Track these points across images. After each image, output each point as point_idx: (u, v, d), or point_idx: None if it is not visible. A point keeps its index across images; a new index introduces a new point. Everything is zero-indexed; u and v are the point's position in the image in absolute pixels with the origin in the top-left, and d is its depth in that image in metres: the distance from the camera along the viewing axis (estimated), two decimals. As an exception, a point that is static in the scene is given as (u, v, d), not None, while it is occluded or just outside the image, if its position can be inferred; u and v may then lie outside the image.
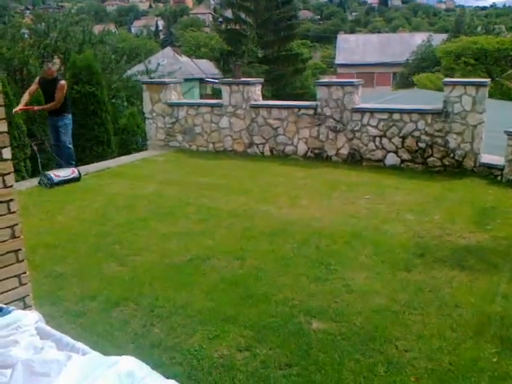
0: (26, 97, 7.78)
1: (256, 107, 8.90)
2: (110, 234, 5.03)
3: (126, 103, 13.81)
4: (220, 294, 3.72)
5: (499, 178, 7.02)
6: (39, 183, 6.86)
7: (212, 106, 9.40)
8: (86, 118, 9.75)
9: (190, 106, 9.63)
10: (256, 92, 9.09)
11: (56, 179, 6.75)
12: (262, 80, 9.68)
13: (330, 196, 6.31)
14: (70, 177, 6.95)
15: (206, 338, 3.13)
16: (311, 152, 8.54)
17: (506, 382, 2.68)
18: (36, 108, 8.02)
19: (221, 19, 33.05)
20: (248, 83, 9.02)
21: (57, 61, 9.29)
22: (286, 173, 7.62)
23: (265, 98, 13.49)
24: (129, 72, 15.28)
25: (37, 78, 8.13)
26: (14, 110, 7.44)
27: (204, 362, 2.89)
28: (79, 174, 7.13)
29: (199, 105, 9.65)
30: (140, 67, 16.18)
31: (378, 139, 7.93)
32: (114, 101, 12.93)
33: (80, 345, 1.58)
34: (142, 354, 2.96)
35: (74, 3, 73.23)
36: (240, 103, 8.99)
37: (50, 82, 7.78)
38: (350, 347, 3.00)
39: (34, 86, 7.95)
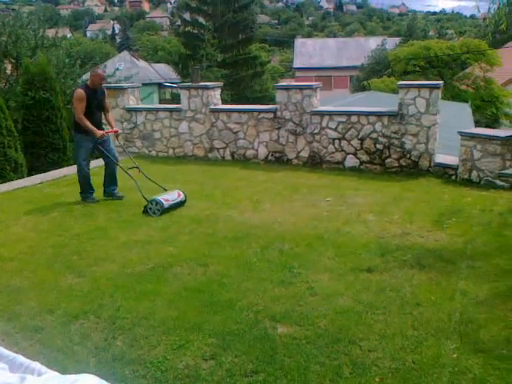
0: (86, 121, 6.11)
1: (216, 111, 8.87)
2: (68, 245, 4.88)
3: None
4: (183, 302, 3.66)
5: (454, 177, 7.25)
6: (145, 212, 5.75)
7: (171, 110, 9.31)
8: (41, 124, 9.46)
9: (149, 111, 9.51)
10: (215, 96, 9.06)
11: (166, 204, 5.73)
12: (221, 84, 9.66)
13: (292, 199, 6.35)
14: (177, 200, 5.94)
15: (170, 349, 3.07)
16: (272, 155, 8.57)
17: (466, 376, 2.75)
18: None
19: (179, 23, 32.84)
20: (207, 87, 8.98)
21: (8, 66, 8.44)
22: (247, 177, 7.62)
23: (224, 102, 13.46)
24: (84, 77, 14.92)
25: (79, 92, 6.12)
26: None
27: (168, 374, 2.83)
28: (185, 196, 6.10)
29: (158, 110, 9.54)
30: (96, 72, 15.80)
31: (337, 142, 8.05)
32: (69, 107, 12.58)
33: (36, 364, 1.50)
34: (104, 368, 2.88)
35: (24, 5, 71.12)
36: (199, 108, 8.93)
37: (97, 91, 6.29)
38: (316, 350, 3.01)
39: (82, 104, 6.06)
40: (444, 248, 4.63)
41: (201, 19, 28.95)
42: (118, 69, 17.61)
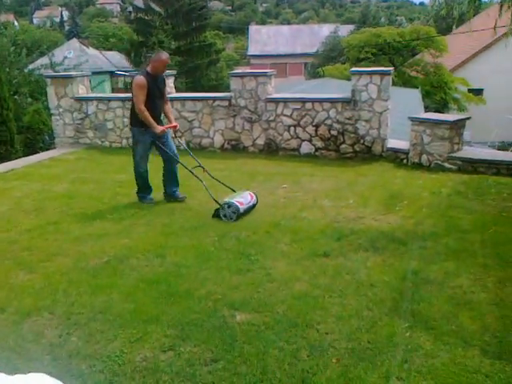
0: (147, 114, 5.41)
1: (170, 100, 8.69)
2: (18, 241, 4.70)
3: (29, 99, 12.96)
4: (141, 294, 3.61)
5: (405, 161, 7.45)
6: (217, 216, 5.14)
7: (123, 99, 9.08)
8: (-15, 116, 9.04)
9: (100, 100, 9.25)
10: (169, 84, 8.88)
11: (241, 208, 5.11)
12: (174, 72, 9.51)
13: (249, 186, 6.32)
14: (251, 203, 5.32)
15: (128, 342, 3.03)
16: (228, 144, 8.54)
17: (418, 353, 2.85)
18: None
19: (130, 9, 31.99)
20: (160, 76, 8.80)
21: None
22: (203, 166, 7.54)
23: (179, 90, 13.23)
24: (31, 66, 14.34)
25: (140, 80, 5.33)
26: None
27: (126, 367, 2.79)
28: (256, 199, 5.47)
29: (110, 99, 9.29)
30: (44, 60, 15.24)
31: (292, 129, 8.10)
32: (16, 97, 12.09)
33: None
34: (59, 365, 2.82)
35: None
36: (153, 96, 8.75)
37: (158, 79, 5.59)
38: (274, 336, 3.04)
39: (143, 93, 5.33)
40: (396, 230, 4.76)
41: (153, 5, 28.27)
42: (66, 57, 16.98)
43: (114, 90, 30.33)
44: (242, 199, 5.18)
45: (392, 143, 7.81)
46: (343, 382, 2.63)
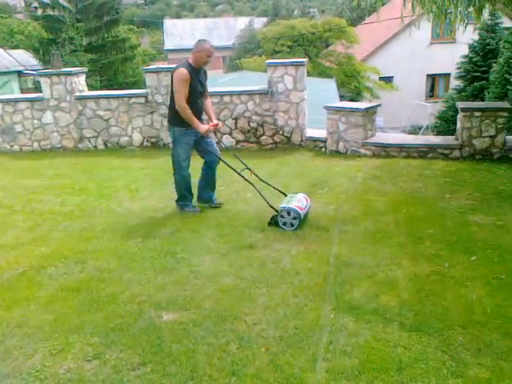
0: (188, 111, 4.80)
1: (82, 99, 8.37)
2: None
3: None
4: (61, 303, 3.45)
5: (323, 149, 7.69)
6: (274, 223, 4.65)
7: (32, 100, 8.60)
8: None
9: (6, 102, 8.69)
10: (80, 83, 8.54)
11: (302, 213, 4.62)
12: (85, 69, 9.13)
13: (171, 184, 6.24)
14: (308, 207, 4.83)
15: (49, 355, 2.88)
16: (147, 141, 8.35)
17: (342, 333, 2.96)
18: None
19: (36, 4, 30.23)
20: (70, 73, 8.43)
21: None
22: (123, 165, 7.34)
23: (94, 88, 12.75)
24: None
25: (183, 72, 4.70)
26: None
27: (49, 381, 2.66)
28: (310, 201, 4.99)
29: (16, 100, 8.75)
30: None
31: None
32: None
33: None
34: (-28, 388, 2.62)
35: None
36: (63, 96, 8.36)
37: (200, 72, 4.97)
38: (203, 332, 3.03)
39: (185, 88, 4.72)
40: (318, 217, 4.90)
41: (61, 0, 26.88)
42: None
43: (23, 91, 28.57)
44: (299, 203, 4.69)
45: (310, 132, 8.01)
46: (272, 369, 2.67)
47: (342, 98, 16.70)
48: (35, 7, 32.00)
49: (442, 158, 6.96)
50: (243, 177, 4.99)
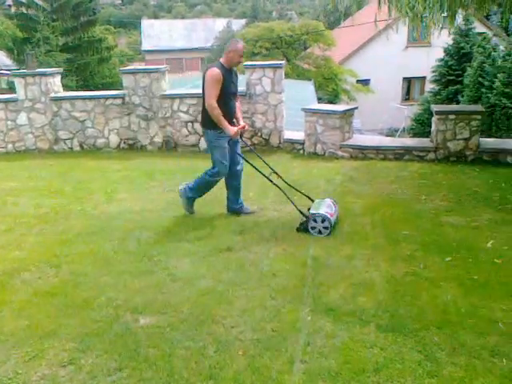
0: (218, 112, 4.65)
1: (57, 100, 8.24)
2: None
3: None
4: (35, 309, 3.38)
5: (301, 151, 7.72)
6: (304, 230, 4.53)
7: (5, 101, 8.42)
8: None
9: (-22, 102, 8.48)
10: (56, 83, 8.41)
11: (332, 220, 4.50)
12: (61, 70, 8.98)
13: (149, 186, 6.21)
14: (337, 213, 4.72)
15: (22, 362, 2.82)
16: (124, 143, 8.27)
17: (320, 335, 2.98)
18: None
19: (9, 2, 29.65)
20: (45, 74, 8.28)
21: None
22: (99, 167, 7.25)
23: (70, 89, 12.55)
24: None
25: (216, 73, 4.60)
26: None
27: (22, 389, 2.61)
28: (337, 207, 4.84)
29: (-12, 101, 8.55)
30: None
31: (190, 124, 8.03)
32: None
33: None
34: None
35: None
36: (38, 97, 8.22)
37: (232, 73, 4.84)
38: (180, 336, 3.01)
39: (217, 89, 4.61)
40: (296, 219, 4.89)
41: (36, -1, 26.42)
42: None
43: (-4, 91, 27.95)
44: (328, 209, 4.57)
45: (289, 134, 8.04)
46: (250, 372, 2.67)
47: (319, 100, 16.82)
48: (9, 5, 31.39)
49: (418, 160, 7.06)
50: (271, 181, 4.89)
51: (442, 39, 12.16)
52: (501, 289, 3.45)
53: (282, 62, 8.10)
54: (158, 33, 43.82)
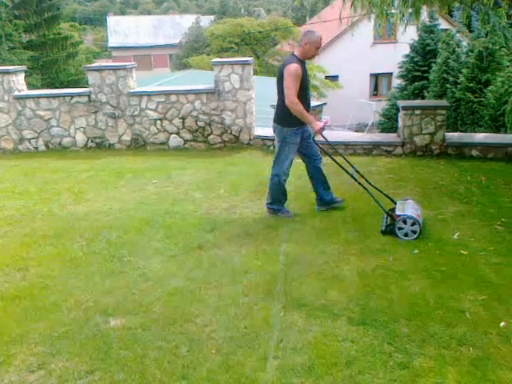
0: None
1: (21, 98, 8.02)
2: None
3: None
4: (1, 313, 3.29)
5: (272, 148, 7.73)
6: (391, 233, 4.30)
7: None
8: None
9: None
10: (19, 81, 8.17)
11: (420, 221, 4.26)
12: (24, 68, 8.72)
13: (117, 185, 6.11)
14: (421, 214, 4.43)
15: (-12, 369, 2.74)
16: (92, 142, 8.11)
17: (292, 330, 2.99)
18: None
19: (-33, -1, 28.66)
20: (8, 72, 8.03)
21: None
22: (66, 167, 7.09)
23: (34, 87, 12.25)
24: None
25: (295, 68, 4.43)
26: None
27: (-12, 396, 2.53)
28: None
29: None
30: None
31: (158, 122, 7.94)
32: None
33: None
34: None
35: None
36: (1, 95, 7.98)
37: (305, 65, 4.64)
38: (152, 336, 2.98)
39: (297, 84, 4.46)
40: (265, 216, 4.92)
41: (-5, -5, 25.62)
42: None
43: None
44: (414, 210, 4.35)
45: (259, 131, 8.04)
46: (224, 370, 2.66)
47: (289, 96, 16.83)
48: (-32, 2, 30.36)
49: (386, 154, 7.17)
50: (355, 179, 4.74)
51: (408, 36, 12.38)
52: (468, 280, 3.54)
53: (251, 58, 8.07)
54: (124, 29, 43.12)
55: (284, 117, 4.68)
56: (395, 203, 4.61)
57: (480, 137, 7.64)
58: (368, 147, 7.28)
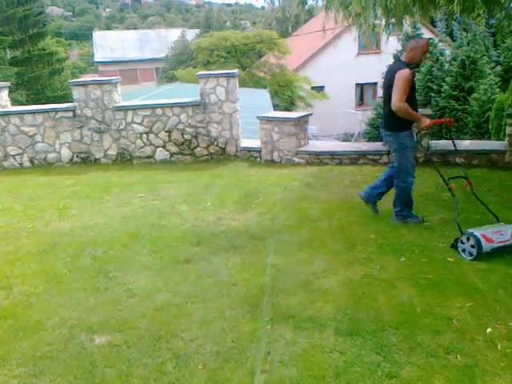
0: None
1: (5, 115, 7.96)
2: None
3: None
4: (-17, 334, 3.22)
5: (258, 159, 7.75)
6: (455, 247, 4.15)
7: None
8: None
9: None
10: (3, 98, 8.13)
11: (487, 246, 3.94)
12: (8, 84, 8.69)
13: (103, 200, 6.06)
14: (509, 241, 4.06)
15: (-32, 391, 2.67)
16: (77, 157, 8.06)
17: (280, 343, 2.96)
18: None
19: (-49, 16, 28.52)
20: (-9, 88, 7.98)
21: None
22: (51, 183, 7.02)
23: (19, 103, 12.17)
24: None
25: (407, 73, 4.47)
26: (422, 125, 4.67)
27: (-32, 421, 2.47)
28: None
29: None
30: None
31: (144, 136, 7.92)
32: None
33: None
34: None
35: None
36: (-16, 112, 7.91)
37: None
38: (137, 353, 2.92)
39: (407, 89, 4.52)
40: (254, 227, 4.91)
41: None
42: None
43: None
44: (495, 234, 4.04)
45: (245, 143, 8.05)
46: (211, 386, 2.62)
47: (276, 107, 16.97)
48: (-48, 18, 30.22)
49: (372, 163, 7.21)
50: (450, 189, 4.51)
51: (391, 46, 12.54)
52: (454, 287, 3.54)
53: (236, 70, 8.11)
54: (110, 44, 43.18)
55: (397, 121, 4.67)
56: (498, 221, 4.36)
57: (465, 144, 7.72)
58: (354, 156, 7.31)
